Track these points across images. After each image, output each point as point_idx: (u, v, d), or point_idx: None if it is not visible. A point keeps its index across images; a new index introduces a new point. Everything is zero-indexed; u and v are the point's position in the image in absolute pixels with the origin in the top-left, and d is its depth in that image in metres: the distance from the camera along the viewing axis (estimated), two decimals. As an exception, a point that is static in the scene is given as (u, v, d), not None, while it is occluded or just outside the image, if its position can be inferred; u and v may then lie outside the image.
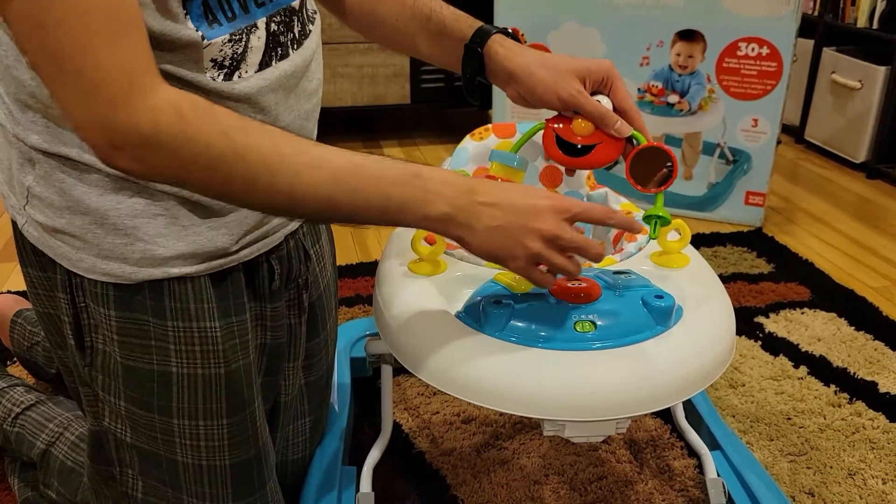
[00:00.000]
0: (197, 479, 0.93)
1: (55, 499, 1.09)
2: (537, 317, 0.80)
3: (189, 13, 0.75)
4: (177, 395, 0.89)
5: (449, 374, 0.80)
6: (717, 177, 2.22)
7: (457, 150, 1.12)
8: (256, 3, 0.83)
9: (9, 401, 1.18)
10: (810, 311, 1.76)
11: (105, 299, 0.86)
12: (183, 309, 0.87)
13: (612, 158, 0.83)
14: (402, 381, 1.46)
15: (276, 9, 0.86)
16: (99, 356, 0.90)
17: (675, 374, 0.80)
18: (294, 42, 0.89)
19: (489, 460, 1.28)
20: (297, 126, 0.92)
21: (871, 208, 2.39)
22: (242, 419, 0.94)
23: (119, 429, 0.93)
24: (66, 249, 0.85)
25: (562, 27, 2.13)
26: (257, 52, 0.83)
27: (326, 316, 1.11)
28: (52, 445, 1.10)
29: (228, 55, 0.80)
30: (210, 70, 0.79)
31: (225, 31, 0.79)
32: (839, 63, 2.67)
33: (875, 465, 1.29)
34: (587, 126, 0.82)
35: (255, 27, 0.82)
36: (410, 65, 2.72)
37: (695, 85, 2.14)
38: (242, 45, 0.81)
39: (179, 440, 0.91)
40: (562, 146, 0.82)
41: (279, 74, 0.86)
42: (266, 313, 0.97)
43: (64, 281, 0.87)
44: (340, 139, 2.92)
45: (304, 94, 0.92)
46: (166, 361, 0.88)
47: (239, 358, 0.92)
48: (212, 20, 0.77)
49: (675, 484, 1.24)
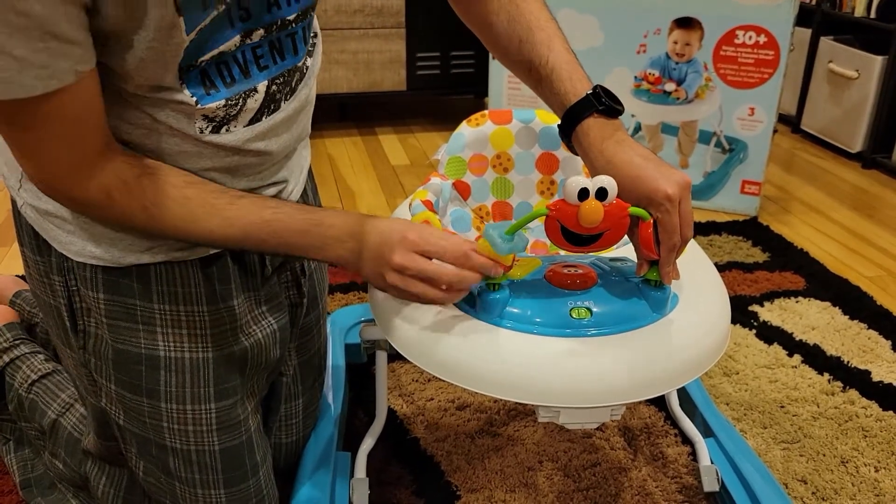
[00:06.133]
0: (186, 465, 0.93)
1: (61, 469, 1.09)
2: (533, 303, 0.80)
3: (186, 83, 0.75)
4: (164, 379, 0.89)
5: (444, 360, 0.80)
6: (713, 165, 2.22)
7: (453, 136, 1.12)
8: (259, 67, 0.81)
9: (28, 367, 1.18)
10: (805, 300, 1.76)
11: (94, 283, 0.86)
12: (170, 292, 0.88)
13: (618, 240, 0.78)
14: (397, 368, 1.46)
15: (280, 71, 0.84)
16: (91, 339, 0.90)
17: (671, 362, 0.80)
18: (289, 93, 0.88)
19: (483, 447, 1.28)
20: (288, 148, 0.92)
21: (867, 198, 2.40)
22: (231, 404, 0.93)
23: (114, 411, 0.93)
24: (57, 232, 0.85)
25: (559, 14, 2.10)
26: (250, 112, 0.83)
27: (318, 294, 1.12)
28: (62, 416, 1.10)
29: (221, 115, 0.80)
30: (199, 121, 0.79)
31: (221, 98, 0.79)
32: (836, 52, 2.66)
33: (867, 452, 1.29)
34: (596, 216, 0.72)
35: (255, 91, 0.82)
36: (406, 51, 2.70)
37: (692, 73, 2.14)
38: (237, 109, 0.81)
39: (168, 424, 0.91)
40: (566, 236, 0.77)
41: (269, 126, 0.86)
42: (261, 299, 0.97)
43: (59, 264, 0.87)
44: (336, 126, 2.91)
45: (295, 124, 0.92)
46: (154, 345, 0.88)
47: (230, 343, 0.92)
48: (209, 86, 0.77)
49: (668, 471, 1.24)
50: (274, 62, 0.82)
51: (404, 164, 2.59)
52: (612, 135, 0.82)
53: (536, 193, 1.16)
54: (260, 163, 0.88)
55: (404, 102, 3.12)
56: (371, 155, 2.66)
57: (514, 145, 1.14)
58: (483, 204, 1.16)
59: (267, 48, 0.81)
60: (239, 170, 0.86)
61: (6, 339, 1.22)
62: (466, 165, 1.13)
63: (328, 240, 0.80)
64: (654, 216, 0.77)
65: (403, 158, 2.63)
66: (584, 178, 0.73)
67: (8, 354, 1.20)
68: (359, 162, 2.59)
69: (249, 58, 0.79)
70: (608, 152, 0.81)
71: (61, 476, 1.10)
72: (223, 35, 0.75)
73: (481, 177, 1.14)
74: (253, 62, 0.80)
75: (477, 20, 0.95)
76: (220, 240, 0.81)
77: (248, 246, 0.82)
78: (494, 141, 1.13)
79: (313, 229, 0.80)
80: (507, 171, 1.15)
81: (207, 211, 0.79)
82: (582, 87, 0.85)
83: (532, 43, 0.89)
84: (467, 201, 1.15)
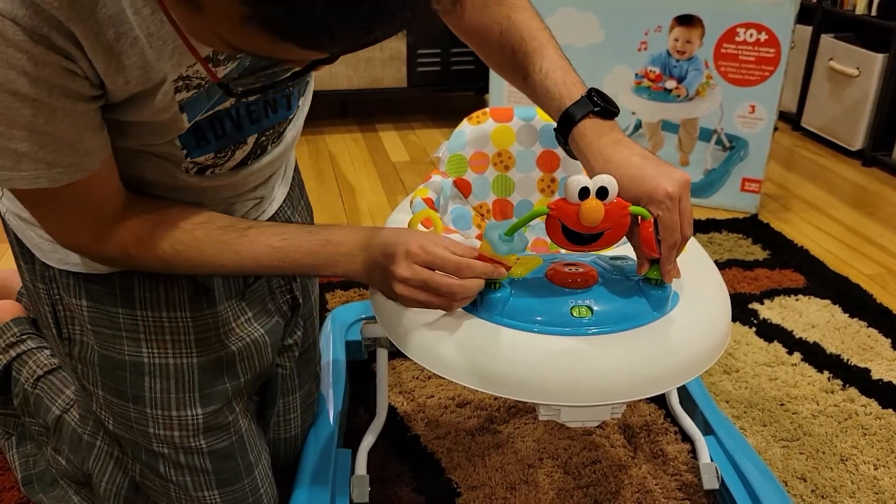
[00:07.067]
0: (176, 468, 0.94)
1: (64, 465, 1.09)
2: (533, 301, 0.80)
3: (178, 138, 0.78)
4: (149, 385, 0.90)
5: (445, 357, 0.80)
6: (714, 163, 2.22)
7: (454, 133, 1.12)
8: (251, 121, 0.84)
9: (34, 363, 1.18)
10: (805, 298, 1.76)
11: (77, 290, 0.87)
12: (153, 299, 0.88)
13: (619, 239, 0.78)
14: (398, 365, 1.46)
15: (272, 124, 0.86)
16: (77, 346, 0.91)
17: (671, 360, 0.80)
18: (277, 138, 0.90)
19: (484, 444, 1.28)
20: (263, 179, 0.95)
21: (867, 196, 2.40)
22: (219, 409, 0.94)
23: (104, 416, 0.94)
24: (38, 241, 0.86)
25: (558, 12, 2.11)
26: (237, 160, 0.86)
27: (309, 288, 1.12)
28: (66, 412, 1.11)
29: (209, 164, 0.83)
30: (186, 165, 0.82)
31: (210, 150, 0.82)
32: (837, 50, 2.66)
33: (867, 450, 1.30)
34: (596, 215, 0.72)
35: (244, 143, 0.84)
36: (407, 48, 2.70)
37: (692, 70, 2.13)
38: (225, 159, 0.84)
39: (154, 430, 0.92)
40: (567, 235, 0.76)
41: (254, 169, 0.88)
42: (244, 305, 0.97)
43: (42, 272, 0.88)
44: (336, 123, 2.91)
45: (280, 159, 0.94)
46: (137, 351, 0.89)
47: (216, 349, 0.92)
48: (200, 139, 0.80)
49: (668, 468, 1.24)
50: (266, 116, 0.85)
51: (405, 160, 2.58)
52: (608, 134, 0.82)
53: (537, 191, 1.16)
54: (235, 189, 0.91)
55: (405, 99, 3.12)
56: (372, 152, 2.66)
57: (515, 143, 1.14)
58: (484, 202, 1.16)
59: (261, 104, 0.84)
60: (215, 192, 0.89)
61: (13, 334, 1.22)
62: (467, 163, 1.13)
63: (339, 257, 0.81)
64: (654, 214, 0.77)
65: (404, 155, 2.63)
66: (584, 177, 0.73)
67: (15, 349, 1.20)
68: (359, 159, 2.59)
69: (243, 113, 0.82)
70: (606, 151, 0.81)
71: (64, 472, 1.10)
72: (220, 100, 0.79)
73: (482, 174, 1.14)
74: (246, 116, 0.83)
75: (470, 35, 0.96)
76: (233, 271, 0.84)
77: (262, 273, 0.85)
78: (495, 139, 1.13)
79: (322, 249, 0.82)
80: (508, 169, 1.15)
81: (219, 249, 0.82)
82: (577, 91, 0.85)
83: (525, 52, 0.90)
84: (468, 199, 1.15)
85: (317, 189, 2.32)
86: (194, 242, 0.81)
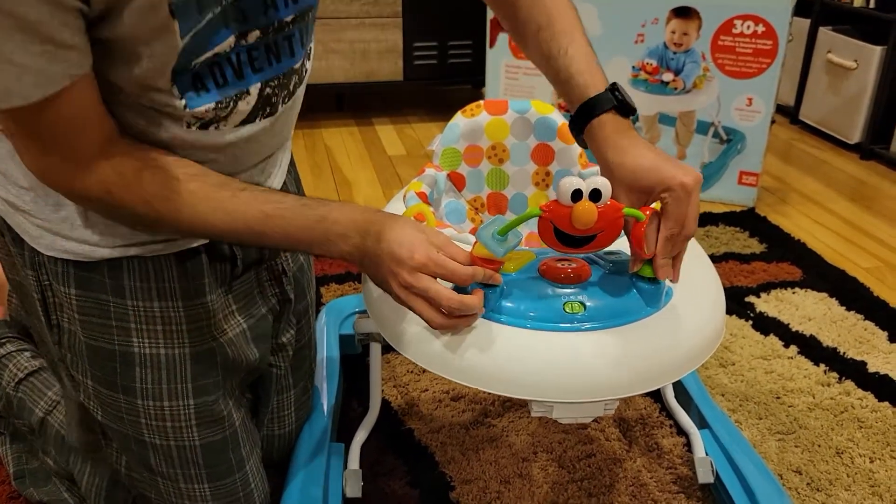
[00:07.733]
0: (167, 461, 0.93)
1: (52, 466, 1.09)
2: (526, 297, 0.80)
3: (176, 85, 0.74)
4: (140, 375, 0.89)
5: (436, 353, 0.80)
6: (711, 156, 2.21)
7: (448, 126, 1.11)
8: (253, 69, 0.80)
9: (15, 366, 1.17)
10: (801, 291, 1.76)
11: (66, 277, 0.85)
12: (144, 288, 0.87)
13: (611, 241, 0.78)
14: (392, 359, 1.46)
15: (276, 74, 0.83)
16: (65, 335, 0.89)
17: (665, 356, 0.80)
18: (287, 97, 0.87)
19: (478, 438, 1.28)
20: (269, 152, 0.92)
21: (865, 189, 2.39)
22: (213, 400, 0.93)
23: (92, 406, 0.93)
24: (27, 226, 0.84)
25: (556, 3, 2.10)
26: (242, 115, 0.82)
27: (305, 285, 1.11)
28: (49, 414, 1.10)
29: (210, 117, 0.79)
30: (187, 118, 0.78)
31: (211, 100, 0.78)
32: (835, 42, 2.65)
33: (863, 443, 1.30)
34: (589, 218, 0.72)
35: (247, 93, 0.80)
36: (403, 41, 2.69)
37: (689, 63, 2.13)
38: (227, 111, 0.80)
39: (145, 420, 0.91)
40: (560, 237, 0.76)
41: (260, 128, 0.85)
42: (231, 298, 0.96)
43: (31, 258, 0.86)
44: (332, 116, 2.90)
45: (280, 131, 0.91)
46: (128, 341, 0.87)
47: (207, 340, 0.91)
48: (200, 87, 0.76)
49: (663, 462, 1.24)
50: (269, 64, 0.81)
51: (401, 154, 2.58)
52: (626, 132, 0.82)
53: (532, 184, 1.15)
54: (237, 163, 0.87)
55: (401, 92, 3.11)
56: (368, 145, 2.65)
57: (510, 136, 1.13)
58: (478, 195, 1.15)
59: (262, 50, 0.80)
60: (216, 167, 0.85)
61: None
62: (461, 156, 1.12)
63: (332, 235, 0.79)
64: (662, 202, 0.77)
65: (400, 148, 2.62)
66: (577, 179, 0.72)
67: None
68: (355, 152, 2.58)
69: (244, 59, 0.78)
70: (623, 144, 0.81)
71: (54, 471, 1.10)
72: (218, 36, 0.74)
73: (476, 168, 1.14)
74: (247, 63, 0.79)
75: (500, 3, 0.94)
76: (221, 233, 0.80)
77: (249, 240, 0.81)
78: (490, 131, 1.12)
79: (317, 225, 0.79)
80: (503, 162, 1.14)
81: (211, 206, 0.78)
82: (601, 82, 0.85)
83: (552, 31, 0.88)
84: (462, 192, 1.14)
85: (313, 182, 2.31)
86: (187, 194, 0.77)
